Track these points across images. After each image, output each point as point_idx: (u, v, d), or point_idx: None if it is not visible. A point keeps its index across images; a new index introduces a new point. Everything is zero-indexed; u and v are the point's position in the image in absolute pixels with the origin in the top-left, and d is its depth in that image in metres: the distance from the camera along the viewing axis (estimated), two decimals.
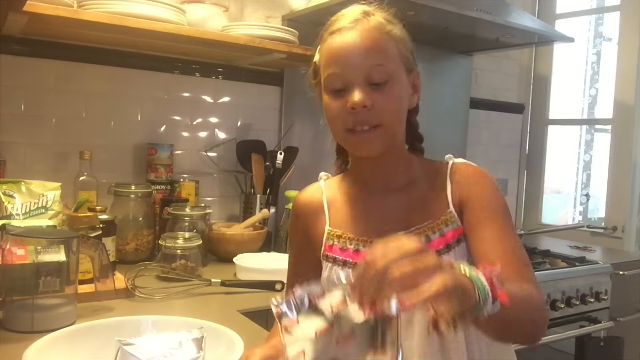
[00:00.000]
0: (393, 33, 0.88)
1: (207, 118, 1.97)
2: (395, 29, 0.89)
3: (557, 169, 3.14)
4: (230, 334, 0.86)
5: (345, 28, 0.87)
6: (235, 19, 1.89)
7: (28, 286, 1.03)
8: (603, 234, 2.60)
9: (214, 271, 1.55)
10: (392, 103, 0.87)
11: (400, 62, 0.88)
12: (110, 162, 1.79)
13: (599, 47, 3.30)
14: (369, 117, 0.86)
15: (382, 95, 0.85)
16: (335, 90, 0.88)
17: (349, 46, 0.86)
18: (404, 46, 0.90)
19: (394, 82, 0.87)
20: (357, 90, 0.85)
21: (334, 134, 0.92)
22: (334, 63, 0.87)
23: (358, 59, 0.85)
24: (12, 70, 1.62)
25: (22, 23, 1.44)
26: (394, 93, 0.87)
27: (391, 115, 0.88)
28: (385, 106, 0.86)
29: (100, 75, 1.76)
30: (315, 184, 1.03)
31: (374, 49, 0.85)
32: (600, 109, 3.21)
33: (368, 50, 0.85)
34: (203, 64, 1.95)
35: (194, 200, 1.80)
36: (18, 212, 1.23)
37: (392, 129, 0.89)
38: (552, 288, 1.82)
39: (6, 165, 1.58)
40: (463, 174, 0.92)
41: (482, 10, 1.94)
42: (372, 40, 0.86)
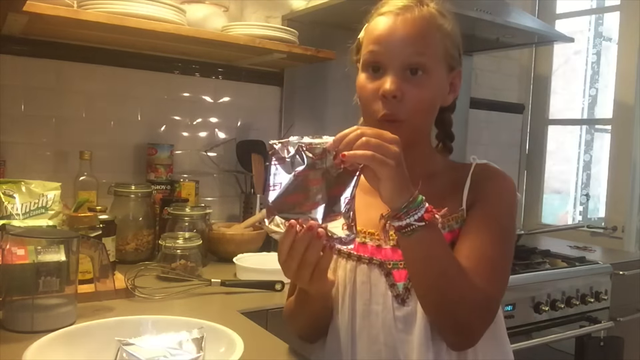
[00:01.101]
0: (443, 27, 0.87)
1: (207, 118, 1.97)
2: (446, 24, 0.88)
3: (557, 169, 3.14)
4: (230, 334, 0.86)
5: (395, 12, 0.86)
6: (235, 19, 1.89)
7: (28, 286, 1.03)
8: (603, 234, 2.60)
9: (214, 271, 1.54)
10: (423, 97, 0.86)
11: (442, 57, 0.87)
12: (110, 162, 1.79)
13: (599, 47, 3.30)
14: (397, 110, 0.85)
15: (415, 88, 0.85)
16: (371, 69, 0.87)
17: (393, 30, 0.85)
18: (451, 43, 0.88)
19: (430, 75, 0.86)
20: (390, 77, 0.85)
21: (363, 116, 0.92)
22: (376, 42, 0.87)
23: (399, 44, 0.85)
24: (12, 70, 1.62)
25: (22, 23, 1.44)
26: (428, 87, 0.86)
27: (420, 112, 0.87)
28: (415, 101, 0.85)
29: (100, 75, 1.76)
30: None
31: (417, 38, 0.85)
32: (600, 109, 3.21)
33: (411, 38, 0.84)
34: (203, 64, 1.95)
35: (194, 200, 1.80)
36: (18, 212, 1.23)
37: (417, 126, 0.88)
38: (552, 288, 1.82)
39: (6, 165, 1.58)
40: (485, 178, 0.90)
41: (482, 10, 1.94)
42: (418, 29, 0.85)
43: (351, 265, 0.92)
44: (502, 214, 0.89)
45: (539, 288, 1.78)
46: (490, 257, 0.84)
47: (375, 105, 0.86)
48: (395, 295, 0.87)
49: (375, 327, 0.88)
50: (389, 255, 0.89)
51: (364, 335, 0.90)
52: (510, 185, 0.91)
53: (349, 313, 0.91)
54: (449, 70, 0.89)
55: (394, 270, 0.88)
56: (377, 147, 0.72)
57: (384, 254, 0.89)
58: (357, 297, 0.90)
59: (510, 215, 0.90)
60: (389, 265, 0.88)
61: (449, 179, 0.92)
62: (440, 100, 0.91)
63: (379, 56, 0.86)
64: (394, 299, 0.87)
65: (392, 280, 0.88)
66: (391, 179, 0.74)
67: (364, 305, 0.90)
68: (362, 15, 0.94)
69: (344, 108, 2.20)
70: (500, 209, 0.88)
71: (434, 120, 0.94)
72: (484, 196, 0.88)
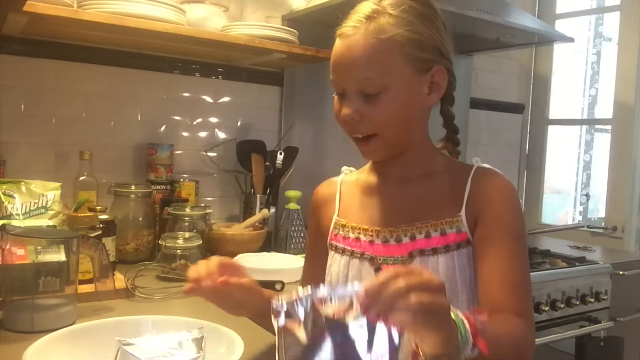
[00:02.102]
0: (398, 36, 0.83)
1: (207, 118, 1.97)
2: (403, 31, 0.84)
3: (557, 169, 3.14)
4: (230, 334, 0.86)
5: (345, 34, 0.86)
6: (235, 19, 1.89)
7: (28, 286, 1.03)
8: (603, 234, 2.60)
9: None
10: (386, 113, 0.85)
11: (406, 66, 0.85)
12: (110, 162, 1.79)
13: (599, 47, 3.30)
14: (361, 128, 0.87)
15: (374, 107, 0.85)
16: (338, 94, 0.89)
17: (341, 56, 0.86)
18: (415, 47, 0.84)
19: (391, 92, 0.84)
20: (347, 102, 0.86)
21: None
22: (332, 70, 0.88)
23: (349, 71, 0.85)
24: (12, 70, 1.62)
25: (22, 23, 1.44)
26: (389, 103, 0.85)
27: (387, 125, 0.86)
28: (377, 117, 0.85)
29: (100, 75, 1.76)
30: (334, 178, 1.05)
31: (365, 62, 0.83)
32: (600, 109, 3.20)
33: (359, 64, 0.84)
34: (203, 64, 1.95)
35: (194, 200, 1.80)
36: (18, 212, 1.23)
37: (392, 138, 0.88)
38: (552, 288, 1.82)
39: (6, 165, 1.58)
40: (487, 184, 0.89)
41: (482, 10, 1.94)
42: (365, 52, 0.83)
43: (344, 260, 0.94)
44: (515, 224, 0.88)
45: (539, 288, 1.78)
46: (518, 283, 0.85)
47: (344, 126, 0.89)
48: None
49: None
50: (380, 250, 0.91)
51: None
52: (514, 190, 0.90)
53: None
54: (421, 72, 0.86)
55: (384, 265, 0.89)
56: (426, 306, 0.58)
57: (375, 249, 0.91)
58: None
59: (520, 221, 0.89)
60: (380, 260, 0.90)
61: (447, 180, 0.92)
62: (417, 106, 0.89)
63: (336, 84, 0.88)
64: None
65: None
66: (439, 331, 0.61)
67: None
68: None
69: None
70: (512, 220, 0.88)
71: (419, 123, 0.92)
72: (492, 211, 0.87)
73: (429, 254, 0.87)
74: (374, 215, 0.94)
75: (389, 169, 0.95)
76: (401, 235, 0.89)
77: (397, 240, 0.90)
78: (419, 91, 0.88)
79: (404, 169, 0.94)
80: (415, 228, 0.89)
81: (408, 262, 0.87)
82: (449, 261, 0.87)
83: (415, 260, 0.87)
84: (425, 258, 0.87)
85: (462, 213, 0.88)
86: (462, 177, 0.90)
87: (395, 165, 0.94)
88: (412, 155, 0.93)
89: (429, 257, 0.87)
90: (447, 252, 0.87)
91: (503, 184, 0.90)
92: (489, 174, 0.91)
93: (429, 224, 0.89)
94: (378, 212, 0.94)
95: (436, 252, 0.87)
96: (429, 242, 0.88)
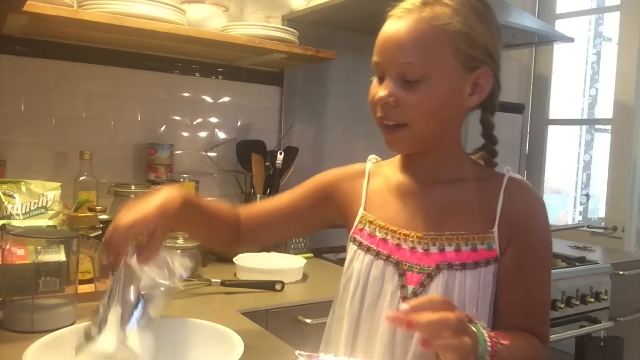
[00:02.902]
0: (450, 26, 0.81)
1: (207, 118, 1.97)
2: (456, 22, 0.81)
3: (557, 169, 3.14)
4: (230, 334, 0.86)
5: (396, 16, 0.84)
6: (235, 19, 1.89)
7: (28, 286, 1.03)
8: (603, 234, 2.60)
9: (214, 271, 1.54)
10: (422, 103, 0.82)
11: (452, 59, 0.82)
12: (110, 162, 1.78)
13: (599, 47, 3.30)
14: (393, 115, 0.84)
15: (413, 95, 0.82)
16: (377, 76, 0.87)
17: (389, 36, 0.83)
18: (466, 42, 0.82)
19: (432, 82, 0.81)
20: (385, 84, 0.83)
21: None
22: (376, 51, 0.86)
23: (393, 54, 0.82)
24: (12, 70, 1.62)
25: (22, 23, 1.44)
26: (427, 94, 0.82)
27: (420, 116, 0.83)
28: (412, 106, 0.82)
29: (100, 75, 1.76)
30: (360, 164, 1.02)
31: (411, 46, 0.81)
32: (600, 109, 3.20)
33: (405, 47, 0.81)
34: (203, 64, 1.95)
35: None
36: (18, 212, 1.23)
37: (422, 131, 0.85)
38: (552, 288, 1.80)
39: (6, 165, 1.58)
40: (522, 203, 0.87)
41: None
42: (414, 36, 0.81)
43: (368, 259, 0.91)
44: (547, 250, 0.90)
45: None
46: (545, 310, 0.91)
47: (376, 108, 0.86)
48: (403, 297, 0.87)
49: (377, 323, 0.89)
50: (407, 256, 0.88)
51: (365, 328, 0.90)
52: (545, 210, 0.89)
53: (358, 304, 0.91)
54: (467, 70, 0.83)
55: (409, 272, 0.87)
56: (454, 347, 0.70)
57: (402, 254, 0.88)
58: (368, 290, 0.91)
59: (550, 244, 0.90)
60: (405, 266, 0.87)
61: (477, 188, 0.89)
62: (456, 104, 0.86)
63: (378, 65, 0.85)
64: (401, 299, 0.87)
65: (404, 281, 0.87)
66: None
67: (372, 300, 0.90)
68: (374, 16, 0.92)
69: (344, 108, 2.20)
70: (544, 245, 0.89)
71: (454, 124, 0.90)
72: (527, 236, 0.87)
73: (457, 268, 0.85)
74: (402, 217, 0.91)
75: (417, 167, 0.92)
76: (429, 243, 0.87)
77: (425, 249, 0.87)
78: (460, 89, 0.85)
79: (432, 170, 0.91)
80: (445, 239, 0.86)
81: (434, 273, 0.85)
82: (476, 277, 0.85)
83: (442, 272, 0.85)
84: (453, 272, 0.85)
85: (495, 229, 0.85)
86: (493, 188, 0.87)
87: (423, 164, 0.91)
88: (441, 156, 0.90)
89: (457, 272, 0.85)
90: (475, 268, 0.85)
91: (537, 205, 0.88)
92: (523, 190, 0.88)
93: (460, 237, 0.86)
94: (405, 213, 0.91)
95: (465, 267, 0.85)
96: (459, 256, 0.85)
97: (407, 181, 0.93)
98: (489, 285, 0.85)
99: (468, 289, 0.84)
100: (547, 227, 0.88)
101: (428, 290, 0.85)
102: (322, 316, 1.16)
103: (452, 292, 0.84)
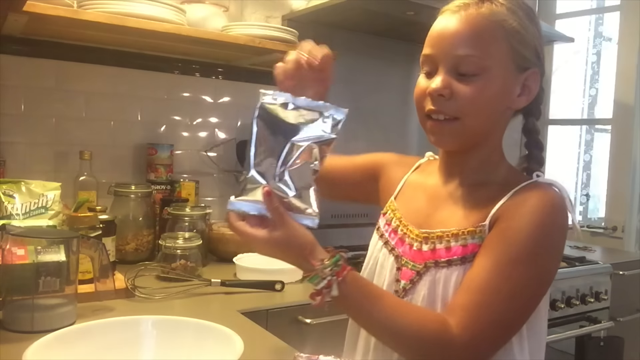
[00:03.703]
0: (506, 24, 0.81)
1: (207, 118, 1.97)
2: (512, 20, 0.82)
3: (557, 169, 3.14)
4: (231, 334, 0.86)
5: (451, 10, 0.83)
6: (235, 19, 1.89)
7: (28, 286, 1.03)
8: (603, 234, 2.60)
9: (214, 271, 1.54)
10: (477, 98, 0.81)
11: (507, 56, 0.82)
12: (110, 162, 1.79)
13: (599, 47, 3.30)
14: (446, 108, 0.82)
15: (467, 88, 0.81)
16: (426, 70, 0.86)
17: (446, 28, 0.83)
18: (519, 41, 0.82)
19: (487, 77, 0.81)
20: (439, 77, 0.82)
21: (418, 115, 0.89)
22: (429, 44, 0.85)
23: (450, 46, 0.82)
24: (12, 70, 1.62)
25: (22, 23, 1.44)
26: (482, 88, 0.81)
27: (473, 112, 0.82)
28: (466, 99, 0.81)
29: (100, 75, 1.76)
30: (417, 157, 1.04)
31: (469, 35, 0.81)
32: (600, 109, 3.21)
33: (463, 36, 0.81)
34: (203, 64, 1.95)
35: (194, 200, 1.80)
36: (18, 212, 1.23)
37: (471, 127, 0.83)
38: (552, 288, 1.79)
39: (6, 165, 1.58)
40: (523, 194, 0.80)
41: None
42: (472, 29, 0.81)
43: (380, 244, 0.95)
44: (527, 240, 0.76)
45: None
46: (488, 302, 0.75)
47: (425, 102, 0.85)
48: (395, 291, 0.88)
49: None
50: (405, 251, 0.89)
51: None
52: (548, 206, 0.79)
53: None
54: (518, 70, 0.83)
55: (404, 268, 0.88)
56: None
57: (404, 250, 0.90)
58: (375, 275, 0.93)
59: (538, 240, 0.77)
60: (402, 261, 0.89)
61: (491, 191, 0.85)
62: (506, 103, 0.85)
63: (430, 57, 0.84)
64: (394, 293, 0.88)
65: (399, 275, 0.88)
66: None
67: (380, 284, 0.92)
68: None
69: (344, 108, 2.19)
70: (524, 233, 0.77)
71: (501, 125, 0.88)
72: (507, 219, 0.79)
73: (443, 265, 0.83)
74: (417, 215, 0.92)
75: (450, 171, 0.92)
76: (422, 242, 0.87)
77: (418, 248, 0.87)
78: (511, 88, 0.84)
79: (466, 173, 0.89)
80: (436, 237, 0.86)
81: (423, 271, 0.85)
82: (461, 274, 0.81)
83: (429, 271, 0.84)
84: (439, 270, 0.83)
85: (486, 222, 0.82)
86: (507, 190, 0.82)
87: (457, 167, 0.90)
88: (478, 159, 0.88)
89: (442, 269, 0.83)
90: (462, 264, 0.82)
91: (538, 195, 0.79)
92: (535, 189, 0.81)
93: (450, 234, 0.84)
94: (423, 212, 0.91)
95: (450, 264, 0.83)
96: (448, 252, 0.84)
97: (437, 182, 0.94)
98: None
99: (453, 286, 0.81)
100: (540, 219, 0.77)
101: (416, 288, 0.86)
102: (322, 316, 1.17)
103: (436, 290, 0.84)
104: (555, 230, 0.79)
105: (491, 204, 0.82)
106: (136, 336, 0.88)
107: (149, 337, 0.89)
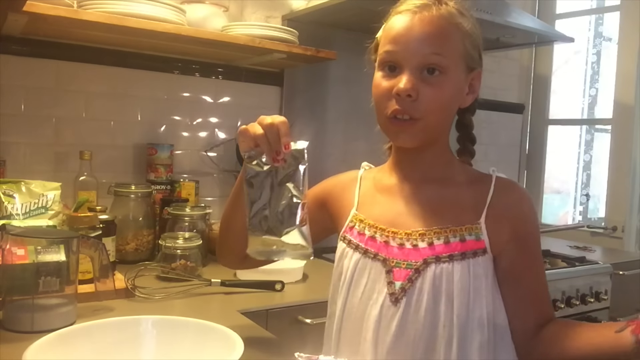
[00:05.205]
0: (462, 26, 0.85)
1: (207, 118, 1.97)
2: (465, 23, 0.86)
3: (557, 169, 3.14)
4: (230, 334, 0.86)
5: (412, 11, 0.85)
6: (235, 19, 1.89)
7: (28, 286, 1.03)
8: (603, 234, 2.61)
9: (214, 271, 1.54)
10: (439, 98, 0.84)
11: (461, 57, 0.86)
12: (110, 162, 1.79)
13: (599, 47, 3.30)
14: (412, 109, 0.84)
15: (431, 88, 0.84)
16: (387, 68, 0.86)
17: (410, 28, 0.84)
18: (471, 42, 0.87)
19: (448, 76, 0.84)
20: (406, 76, 0.83)
21: (377, 115, 0.90)
22: (392, 41, 0.86)
23: (416, 43, 0.83)
24: (12, 70, 1.62)
25: (22, 23, 1.44)
26: (444, 87, 0.84)
27: (435, 111, 0.85)
28: (430, 100, 0.84)
29: (100, 75, 1.76)
30: (353, 171, 1.05)
31: (434, 37, 0.83)
32: (600, 109, 3.20)
33: (429, 37, 0.83)
34: (203, 64, 1.95)
35: (194, 200, 1.80)
36: (18, 212, 1.23)
37: (433, 125, 0.87)
38: (552, 288, 1.82)
39: (6, 165, 1.58)
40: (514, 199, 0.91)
41: (482, 10, 1.94)
42: (436, 28, 0.83)
43: (357, 257, 0.93)
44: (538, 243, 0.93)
45: None
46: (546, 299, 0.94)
47: (389, 102, 0.85)
48: (391, 294, 0.87)
49: (361, 320, 0.90)
50: (394, 253, 0.89)
51: (349, 326, 0.92)
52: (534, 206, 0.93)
53: (342, 302, 0.93)
54: (468, 70, 0.88)
55: (396, 269, 0.88)
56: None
57: (390, 252, 0.89)
58: (353, 288, 0.92)
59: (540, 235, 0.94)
60: (392, 262, 0.88)
61: (468, 187, 0.91)
62: (458, 101, 0.90)
63: (395, 55, 0.85)
64: (388, 296, 0.87)
65: (392, 277, 0.88)
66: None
67: (357, 298, 0.91)
68: (375, 15, 0.93)
69: (344, 108, 2.20)
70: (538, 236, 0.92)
71: (451, 122, 0.93)
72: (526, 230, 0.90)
73: (445, 260, 0.85)
74: (391, 216, 0.92)
75: (409, 169, 0.94)
76: (418, 240, 0.88)
77: (414, 245, 0.88)
78: (462, 87, 0.88)
79: (424, 170, 0.93)
80: (433, 233, 0.87)
81: (422, 268, 0.86)
82: (464, 269, 0.85)
83: (430, 266, 0.85)
84: (440, 265, 0.85)
85: (481, 220, 0.87)
86: (483, 186, 0.90)
87: (415, 165, 0.93)
88: (434, 155, 0.92)
89: (444, 264, 0.85)
90: (463, 259, 0.85)
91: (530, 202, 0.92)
92: (511, 187, 0.92)
93: (448, 230, 0.87)
94: (393, 211, 0.92)
95: (452, 258, 0.85)
96: (447, 247, 0.86)
97: (397, 181, 0.95)
98: (481, 279, 0.86)
99: (457, 280, 0.85)
100: (537, 220, 0.94)
101: (416, 285, 0.86)
102: (322, 316, 1.16)
103: (440, 285, 0.85)
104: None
105: (480, 202, 0.88)
106: (136, 336, 0.89)
107: (149, 337, 0.89)
